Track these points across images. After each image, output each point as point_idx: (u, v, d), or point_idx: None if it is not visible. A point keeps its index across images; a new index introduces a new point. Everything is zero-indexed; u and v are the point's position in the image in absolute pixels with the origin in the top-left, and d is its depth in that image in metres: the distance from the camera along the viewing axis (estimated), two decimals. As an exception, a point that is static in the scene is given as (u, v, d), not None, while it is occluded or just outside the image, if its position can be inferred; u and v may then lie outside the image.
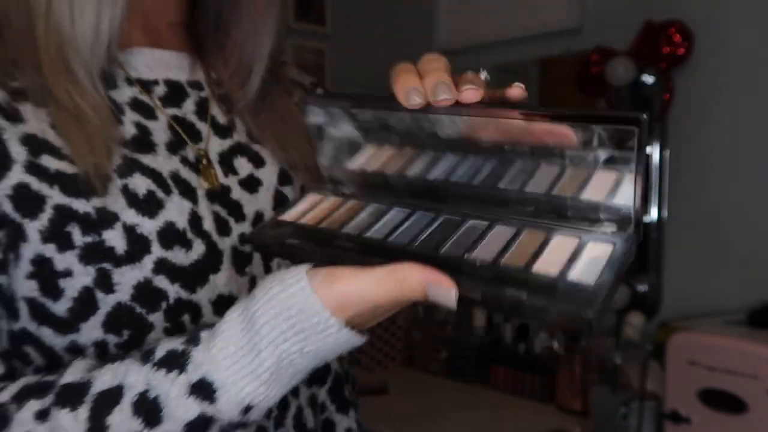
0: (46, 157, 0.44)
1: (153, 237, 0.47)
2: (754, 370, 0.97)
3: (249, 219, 0.54)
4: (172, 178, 0.50)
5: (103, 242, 0.45)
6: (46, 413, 0.38)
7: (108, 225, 0.45)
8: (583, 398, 1.39)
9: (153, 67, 0.54)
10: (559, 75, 1.68)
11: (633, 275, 1.52)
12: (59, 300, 0.44)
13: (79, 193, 0.44)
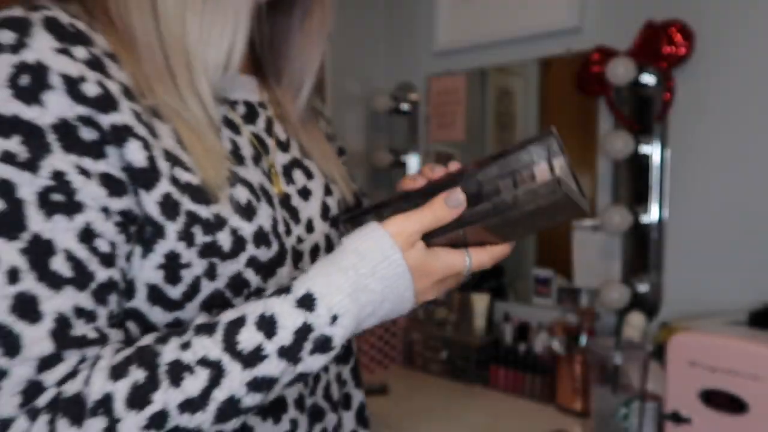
0: (178, 170, 0.54)
1: (249, 238, 0.58)
2: (756, 371, 0.97)
3: (303, 223, 0.66)
4: (259, 188, 0.61)
5: (216, 242, 0.55)
6: (188, 344, 0.49)
7: (220, 228, 0.56)
8: (584, 399, 1.39)
9: (236, 88, 0.65)
10: (560, 75, 1.68)
11: (633, 275, 1.52)
12: (176, 286, 0.55)
13: (202, 201, 0.55)
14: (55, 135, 0.48)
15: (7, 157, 0.46)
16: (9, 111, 0.47)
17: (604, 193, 1.58)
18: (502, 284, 1.82)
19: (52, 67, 0.48)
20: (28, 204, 0.47)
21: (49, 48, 0.49)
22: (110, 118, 0.50)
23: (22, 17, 0.49)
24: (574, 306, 1.63)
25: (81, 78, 0.49)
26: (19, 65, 0.48)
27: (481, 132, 1.88)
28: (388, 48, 2.12)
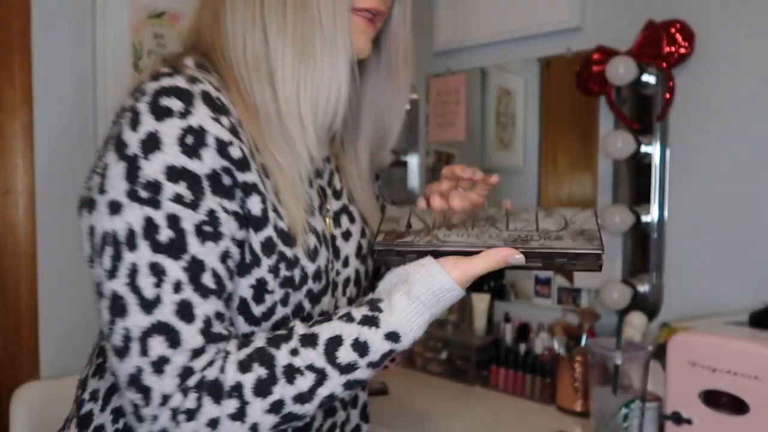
0: (277, 218, 0.69)
1: (311, 274, 0.73)
2: (756, 371, 0.97)
3: (341, 260, 0.80)
4: (321, 234, 0.76)
5: (292, 277, 0.70)
6: (296, 351, 0.64)
7: (295, 266, 0.71)
8: (584, 399, 1.39)
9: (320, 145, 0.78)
10: (560, 74, 1.68)
11: (634, 275, 1.52)
12: (259, 305, 0.70)
13: (288, 244, 0.70)
14: (208, 182, 0.63)
15: (177, 198, 0.62)
16: (179, 163, 0.62)
17: (604, 193, 1.58)
18: (502, 284, 1.82)
19: (209, 131, 0.63)
20: (189, 233, 0.62)
21: (207, 116, 0.64)
22: (244, 176, 0.66)
23: (186, 89, 0.64)
24: (574, 306, 1.63)
25: (229, 142, 0.65)
26: (186, 128, 0.62)
27: (481, 132, 1.88)
28: (388, 48, 2.12)
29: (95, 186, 0.65)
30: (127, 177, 0.62)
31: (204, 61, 0.71)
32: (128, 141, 0.62)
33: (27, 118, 1.37)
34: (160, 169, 0.61)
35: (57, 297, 1.42)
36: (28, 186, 1.37)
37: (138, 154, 0.61)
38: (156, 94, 0.63)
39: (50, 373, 1.40)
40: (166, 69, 0.66)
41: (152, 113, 0.62)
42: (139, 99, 0.64)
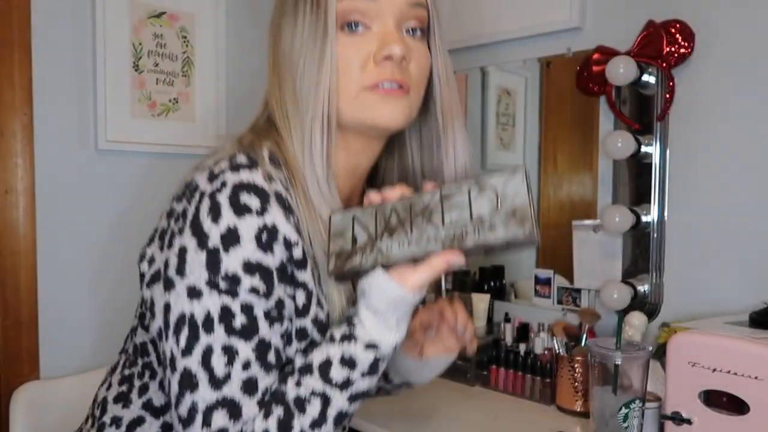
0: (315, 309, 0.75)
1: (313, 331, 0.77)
2: (756, 371, 0.97)
3: None
4: None
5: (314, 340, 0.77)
6: (299, 383, 0.71)
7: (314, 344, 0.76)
8: (584, 399, 1.39)
9: None
10: (560, 74, 1.68)
11: (634, 275, 1.52)
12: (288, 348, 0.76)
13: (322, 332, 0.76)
14: (277, 274, 0.70)
15: (253, 289, 0.69)
16: (255, 258, 0.68)
17: (604, 193, 1.58)
18: (502, 284, 1.82)
19: (281, 230, 0.69)
20: (260, 318, 0.70)
21: (279, 215, 0.69)
22: (300, 274, 0.73)
23: (263, 189, 0.69)
24: (574, 306, 1.63)
25: (295, 243, 0.71)
26: (262, 226, 0.68)
27: (481, 132, 1.88)
28: (388, 48, 2.12)
29: (173, 266, 0.69)
30: (208, 267, 0.67)
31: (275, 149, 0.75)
32: (209, 233, 0.67)
33: (27, 118, 1.37)
34: (239, 263, 0.67)
35: (57, 297, 1.42)
36: (28, 186, 1.37)
37: (219, 247, 0.67)
38: (236, 188, 0.68)
39: (50, 373, 1.40)
40: (245, 160, 0.71)
41: (232, 207, 0.67)
42: (220, 190, 0.68)
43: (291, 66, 0.76)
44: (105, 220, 1.49)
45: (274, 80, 0.79)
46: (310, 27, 0.74)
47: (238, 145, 0.75)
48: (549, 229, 1.74)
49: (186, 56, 1.61)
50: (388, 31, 0.75)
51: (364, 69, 0.75)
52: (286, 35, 0.77)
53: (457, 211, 0.68)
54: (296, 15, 0.75)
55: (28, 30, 1.36)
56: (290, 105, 0.76)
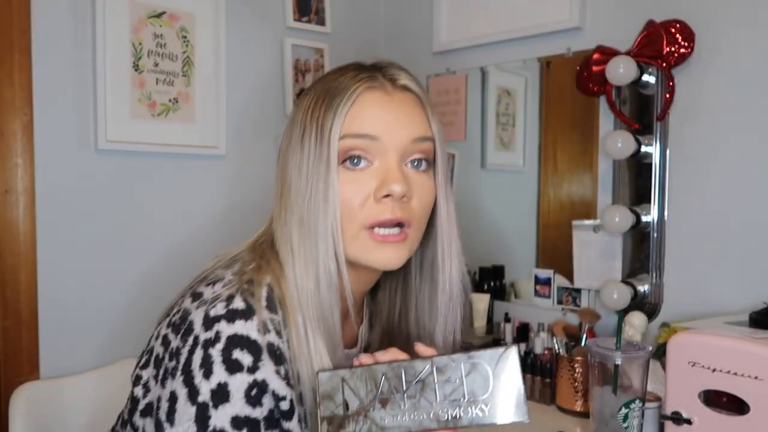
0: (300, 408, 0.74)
1: None
2: (756, 371, 0.97)
3: None
4: None
5: None
6: None
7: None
8: (584, 399, 1.39)
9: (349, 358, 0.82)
10: (560, 74, 1.68)
11: (634, 275, 1.52)
12: None
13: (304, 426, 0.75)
14: (264, 423, 0.70)
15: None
16: (243, 413, 0.68)
17: (604, 193, 1.58)
18: (502, 284, 1.82)
19: (270, 385, 0.70)
20: None
21: (271, 371, 0.69)
22: (286, 424, 0.72)
23: (256, 342, 0.69)
24: (574, 306, 1.63)
25: (283, 397, 0.71)
26: (252, 383, 0.69)
27: (481, 132, 1.88)
28: (388, 48, 2.12)
29: (163, 410, 0.70)
30: (197, 421, 0.68)
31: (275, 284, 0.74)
32: (200, 388, 0.68)
33: (27, 118, 1.37)
34: (227, 419, 0.68)
35: (57, 297, 1.42)
36: (28, 186, 1.37)
37: (208, 403, 0.68)
38: (229, 343, 0.69)
39: (50, 373, 1.40)
40: (242, 306, 0.70)
41: (224, 364, 0.68)
42: (213, 343, 0.69)
43: (297, 197, 0.75)
44: (105, 220, 1.49)
45: (280, 208, 0.78)
46: (315, 161, 0.74)
47: (238, 282, 0.73)
48: (549, 229, 1.74)
49: (186, 56, 1.61)
50: (389, 167, 0.75)
51: (363, 206, 0.74)
52: (293, 165, 0.76)
53: (450, 386, 0.69)
54: (302, 147, 0.76)
55: (28, 30, 1.36)
56: (296, 238, 0.75)
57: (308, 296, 0.74)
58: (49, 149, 1.40)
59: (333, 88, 0.77)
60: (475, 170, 1.92)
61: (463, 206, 1.95)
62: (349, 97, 0.75)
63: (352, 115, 0.75)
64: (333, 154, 0.74)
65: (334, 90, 0.76)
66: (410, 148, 0.77)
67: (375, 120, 0.75)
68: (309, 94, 0.80)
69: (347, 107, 0.75)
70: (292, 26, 1.85)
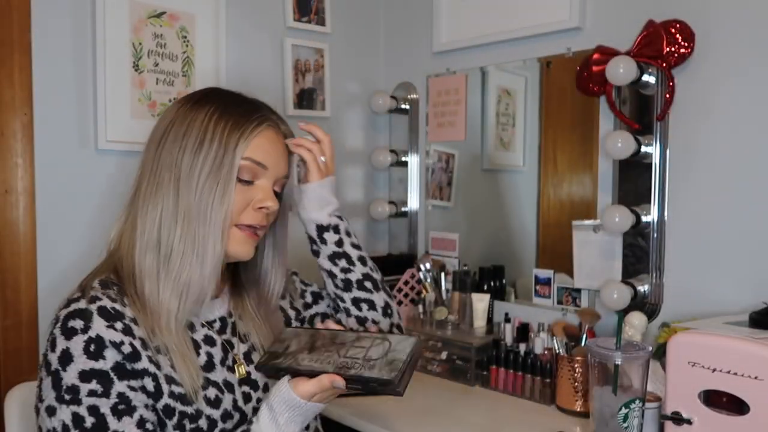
0: (173, 386, 0.91)
1: (218, 419, 0.94)
2: (756, 371, 0.97)
3: (261, 388, 1.03)
4: (223, 384, 0.97)
5: (199, 426, 0.92)
6: None
7: (200, 417, 0.92)
8: (584, 399, 1.39)
9: (213, 310, 1.03)
10: (560, 74, 1.68)
11: (634, 275, 1.52)
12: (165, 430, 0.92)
13: (187, 403, 0.91)
14: (114, 373, 0.85)
15: (91, 392, 0.84)
16: (87, 366, 0.84)
17: (604, 193, 1.58)
18: (502, 284, 1.82)
19: (105, 337, 0.86)
20: (108, 415, 0.84)
21: (102, 326, 0.86)
22: (135, 365, 0.88)
23: (85, 309, 0.87)
24: (574, 306, 1.63)
25: (121, 342, 0.87)
26: (87, 340, 0.85)
27: (481, 132, 1.88)
28: (388, 48, 2.12)
29: (36, 396, 0.87)
30: (54, 387, 0.84)
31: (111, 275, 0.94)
32: (51, 360, 0.85)
33: (27, 117, 1.37)
34: (75, 375, 0.84)
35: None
36: (28, 186, 1.37)
37: (58, 368, 0.84)
38: (65, 319, 0.87)
39: (50, 373, 1.40)
40: (76, 294, 0.90)
41: (63, 334, 0.86)
42: (55, 326, 0.87)
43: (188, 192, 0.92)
44: (105, 220, 1.49)
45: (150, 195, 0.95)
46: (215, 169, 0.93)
47: (76, 287, 0.93)
48: (549, 229, 1.74)
49: (186, 56, 1.61)
50: (268, 188, 0.98)
51: (242, 211, 0.96)
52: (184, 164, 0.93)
53: (357, 350, 0.90)
54: (200, 153, 0.93)
55: (28, 30, 1.36)
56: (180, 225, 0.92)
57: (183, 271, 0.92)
58: (49, 149, 1.40)
59: (237, 112, 0.96)
60: (475, 170, 1.92)
61: (463, 206, 1.95)
62: (256, 126, 0.96)
63: (256, 143, 0.96)
64: (235, 168, 0.93)
65: (240, 115, 0.96)
66: (278, 181, 1.01)
67: (269, 153, 0.98)
68: (208, 103, 0.97)
69: (254, 135, 0.96)
70: (292, 26, 1.85)
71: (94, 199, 1.47)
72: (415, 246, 2.04)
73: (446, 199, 1.97)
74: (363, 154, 2.08)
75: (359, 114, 2.07)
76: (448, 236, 1.93)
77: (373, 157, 2.03)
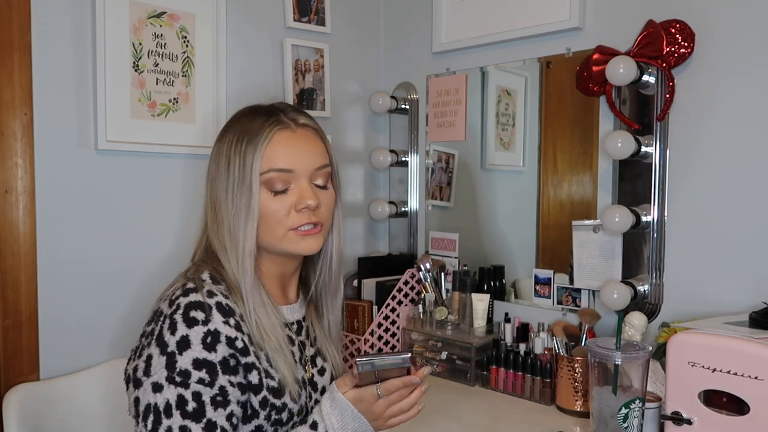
0: (269, 381, 0.99)
1: (295, 412, 1.03)
2: (756, 371, 0.97)
3: (319, 390, 1.11)
4: (302, 380, 1.06)
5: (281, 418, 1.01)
6: None
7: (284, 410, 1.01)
8: (584, 399, 1.39)
9: (292, 314, 1.11)
10: (560, 74, 1.68)
11: (633, 275, 1.52)
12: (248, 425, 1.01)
13: (278, 396, 1.00)
14: (220, 367, 0.92)
15: (200, 380, 0.90)
16: (202, 356, 0.91)
17: (604, 193, 1.58)
18: (502, 284, 1.82)
19: (221, 332, 0.93)
20: (207, 404, 0.90)
21: (220, 321, 0.94)
22: (245, 359, 0.96)
23: (206, 303, 0.94)
24: (574, 306, 1.63)
25: (235, 338, 0.95)
26: (206, 332, 0.92)
27: (481, 132, 1.88)
28: (388, 48, 2.12)
29: (141, 369, 0.92)
30: (167, 366, 0.90)
31: (217, 267, 1.01)
32: (168, 342, 0.91)
33: (27, 118, 1.37)
34: (189, 361, 0.90)
35: (57, 297, 1.42)
36: (28, 186, 1.37)
37: (175, 351, 0.90)
38: (187, 307, 0.93)
39: (50, 373, 1.40)
40: (192, 285, 0.96)
41: (185, 322, 0.92)
42: (176, 311, 0.93)
43: (225, 211, 1.01)
44: (105, 220, 1.49)
45: (213, 219, 1.04)
46: (239, 186, 1.00)
47: (184, 277, 1.00)
48: (549, 229, 1.74)
49: (186, 56, 1.61)
50: (303, 188, 1.02)
51: (288, 216, 1.01)
52: (220, 186, 1.02)
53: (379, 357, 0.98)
54: (228, 175, 1.01)
55: (28, 30, 1.36)
56: (227, 241, 1.01)
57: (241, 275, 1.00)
58: (49, 149, 1.40)
59: (250, 128, 1.01)
60: (475, 170, 1.92)
61: (463, 206, 1.95)
62: (265, 137, 1.00)
63: (270, 151, 1.00)
64: (255, 181, 0.99)
65: (253, 131, 1.01)
66: (315, 174, 1.04)
67: (286, 155, 1.01)
68: (229, 132, 1.04)
69: (264, 145, 1.00)
70: (292, 26, 1.85)
71: (94, 199, 1.47)
72: (415, 246, 2.04)
73: (446, 199, 1.97)
74: (363, 154, 2.08)
75: (359, 114, 2.07)
76: (448, 236, 1.93)
77: (373, 157, 2.03)
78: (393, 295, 1.80)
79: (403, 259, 2.00)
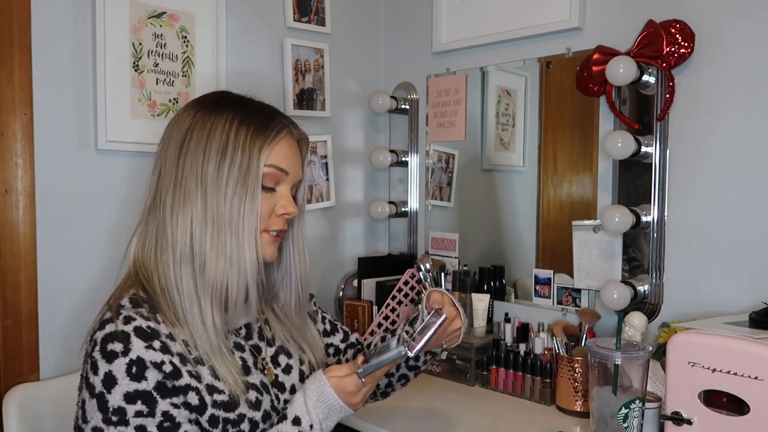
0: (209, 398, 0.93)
1: (259, 420, 0.98)
2: (756, 371, 0.97)
3: (288, 390, 1.06)
4: (261, 386, 1.01)
5: (241, 430, 0.95)
6: None
7: (242, 422, 0.95)
8: (584, 399, 1.39)
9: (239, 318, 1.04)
10: (560, 74, 1.68)
11: (633, 275, 1.52)
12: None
13: (231, 409, 0.94)
14: (156, 392, 0.87)
15: (138, 413, 0.86)
16: (131, 388, 0.86)
17: (604, 193, 1.58)
18: (502, 284, 1.82)
19: (146, 358, 0.87)
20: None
21: (142, 348, 0.87)
22: (177, 382, 0.90)
23: (123, 332, 0.88)
24: (575, 306, 1.63)
25: (161, 362, 0.88)
26: (129, 362, 0.86)
27: (481, 132, 1.88)
28: (388, 48, 2.12)
29: (79, 417, 0.89)
30: (100, 409, 0.86)
31: (140, 291, 0.95)
32: (94, 383, 0.87)
33: (27, 118, 1.37)
34: (120, 397, 0.86)
35: (57, 297, 1.42)
36: (28, 186, 1.37)
37: (103, 391, 0.86)
38: (102, 342, 0.88)
39: (50, 373, 1.40)
40: (108, 315, 0.90)
41: (104, 358, 0.87)
42: (93, 348, 0.88)
43: (216, 200, 0.94)
44: (105, 220, 1.49)
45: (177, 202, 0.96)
46: (243, 176, 0.95)
47: (106, 307, 0.94)
48: (549, 229, 1.74)
49: (186, 56, 1.61)
50: (287, 195, 1.02)
51: (270, 216, 1.00)
52: (209, 170, 0.95)
53: None
54: (224, 159, 0.95)
55: (28, 30, 1.36)
56: (210, 234, 0.94)
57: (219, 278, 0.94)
58: (49, 149, 1.40)
59: (257, 119, 0.98)
60: (475, 170, 1.92)
61: (463, 206, 1.95)
62: (277, 134, 0.99)
63: (278, 150, 0.99)
64: (260, 175, 0.96)
65: (260, 121, 0.98)
66: (295, 185, 1.05)
67: (289, 159, 1.01)
68: (223, 112, 0.98)
69: (276, 142, 0.98)
70: (292, 26, 1.84)
71: (94, 199, 1.47)
72: (415, 246, 2.04)
73: (446, 199, 1.97)
74: (363, 154, 2.08)
75: (359, 114, 2.07)
76: (448, 236, 1.93)
77: (373, 157, 2.03)
78: (393, 295, 1.80)
79: (403, 259, 2.00)
